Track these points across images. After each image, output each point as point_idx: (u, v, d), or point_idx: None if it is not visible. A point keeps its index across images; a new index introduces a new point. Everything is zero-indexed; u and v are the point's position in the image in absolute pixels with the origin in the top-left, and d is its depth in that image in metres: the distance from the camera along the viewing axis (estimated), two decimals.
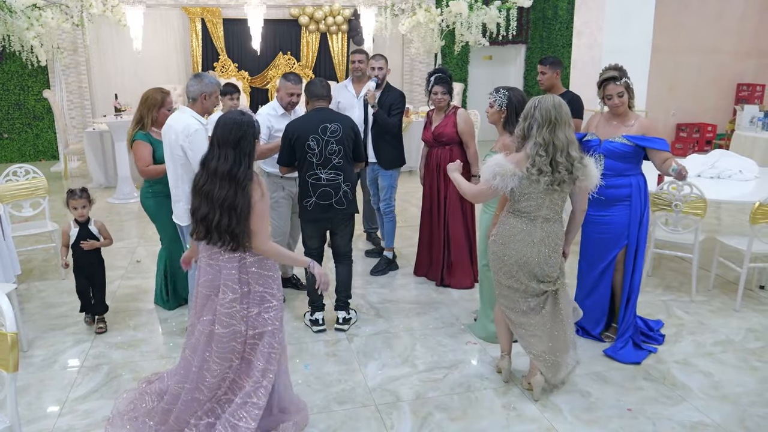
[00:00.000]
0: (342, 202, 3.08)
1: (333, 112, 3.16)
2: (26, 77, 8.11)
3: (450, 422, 2.44)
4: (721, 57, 8.66)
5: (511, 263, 2.47)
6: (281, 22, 8.75)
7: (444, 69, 3.72)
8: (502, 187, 2.36)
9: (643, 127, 2.89)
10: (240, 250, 2.12)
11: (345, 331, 3.22)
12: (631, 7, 5.00)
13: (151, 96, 3.25)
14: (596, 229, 3.00)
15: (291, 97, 3.39)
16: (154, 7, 8.11)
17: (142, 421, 2.31)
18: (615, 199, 2.92)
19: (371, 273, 4.04)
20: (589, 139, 2.99)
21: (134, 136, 3.24)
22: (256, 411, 2.15)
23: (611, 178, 2.87)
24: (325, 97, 3.13)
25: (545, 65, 3.72)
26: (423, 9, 7.73)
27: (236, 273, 2.14)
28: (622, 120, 2.92)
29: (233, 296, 2.14)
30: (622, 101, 2.85)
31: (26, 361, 2.90)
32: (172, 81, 8.50)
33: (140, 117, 3.25)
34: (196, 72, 3.13)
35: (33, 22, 6.49)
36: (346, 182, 3.08)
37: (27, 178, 4.15)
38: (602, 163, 2.80)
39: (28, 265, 4.24)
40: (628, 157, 2.88)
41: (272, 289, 2.19)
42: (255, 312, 2.17)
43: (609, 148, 2.90)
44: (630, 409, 2.53)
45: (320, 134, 3.01)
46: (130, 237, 5.00)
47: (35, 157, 8.39)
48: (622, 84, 2.82)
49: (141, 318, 3.43)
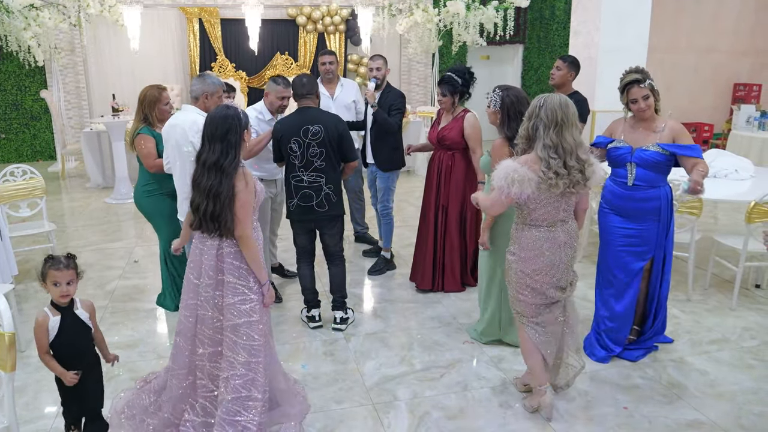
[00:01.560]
0: (323, 204, 3.05)
1: (317, 112, 3.06)
2: (23, 77, 8.10)
3: (447, 421, 2.45)
4: (718, 57, 8.69)
5: (539, 276, 2.33)
6: (279, 22, 8.75)
7: (458, 67, 3.44)
8: (519, 195, 2.18)
9: (674, 131, 2.70)
10: (221, 237, 2.16)
11: (342, 330, 3.23)
12: (627, 7, 5.02)
13: (148, 93, 3.26)
14: (622, 241, 2.81)
15: (282, 101, 3.34)
16: (152, 7, 8.10)
17: (140, 419, 2.31)
18: (645, 212, 2.75)
19: (369, 273, 4.04)
20: (617, 146, 2.77)
21: (139, 130, 3.25)
22: (250, 403, 2.14)
23: (644, 189, 2.71)
24: (308, 95, 3.03)
25: (565, 62, 3.67)
26: (420, 9, 7.74)
27: (213, 260, 2.18)
28: (649, 125, 2.72)
29: (208, 281, 2.19)
30: (648, 104, 2.67)
31: (23, 361, 2.89)
32: (170, 81, 8.49)
33: (144, 115, 3.26)
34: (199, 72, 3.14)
35: (30, 22, 6.48)
36: (328, 185, 3.04)
37: (24, 179, 4.14)
38: (634, 173, 2.71)
39: (26, 266, 4.24)
40: (661, 166, 2.70)
41: (248, 281, 2.18)
42: (230, 302, 2.17)
43: (642, 157, 2.69)
44: (626, 407, 2.54)
45: (302, 136, 2.98)
46: (128, 237, 5.00)
47: (33, 157, 8.38)
48: (647, 86, 2.66)
49: (139, 318, 3.43)
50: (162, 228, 3.38)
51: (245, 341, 2.16)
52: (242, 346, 2.16)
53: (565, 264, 2.36)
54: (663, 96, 2.70)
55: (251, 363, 2.15)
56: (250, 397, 2.14)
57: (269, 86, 3.37)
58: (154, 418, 2.29)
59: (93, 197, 6.35)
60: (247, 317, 2.17)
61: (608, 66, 5.06)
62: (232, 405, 2.14)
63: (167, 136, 2.97)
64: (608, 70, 5.07)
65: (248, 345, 2.16)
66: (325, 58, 4.15)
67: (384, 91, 3.92)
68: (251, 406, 2.14)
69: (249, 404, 2.14)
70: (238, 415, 2.13)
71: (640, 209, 2.75)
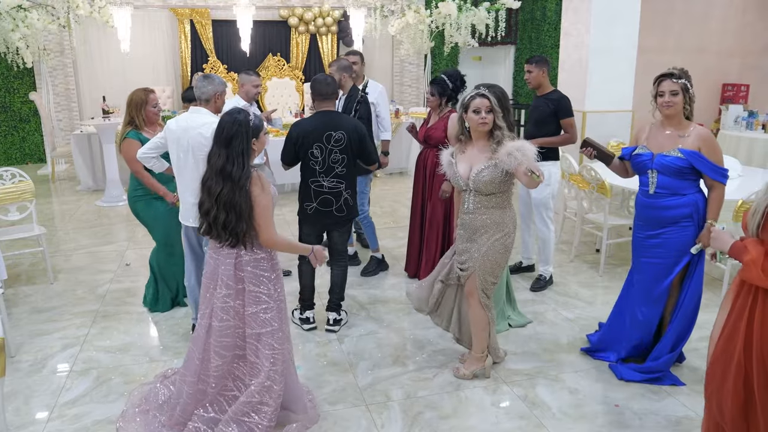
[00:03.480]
0: (342, 209, 3.09)
1: (339, 117, 3.08)
2: (12, 79, 8.02)
3: (440, 421, 2.46)
4: (706, 57, 8.79)
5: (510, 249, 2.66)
6: (271, 23, 8.73)
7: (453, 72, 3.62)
8: (451, 174, 2.62)
9: (702, 139, 2.50)
10: (239, 247, 2.15)
11: (335, 332, 3.23)
12: (617, 9, 5.06)
13: (135, 96, 3.26)
14: (646, 253, 2.66)
15: (256, 89, 3.65)
16: (142, 8, 8.06)
17: (152, 415, 2.34)
18: (667, 222, 2.58)
19: (361, 274, 4.05)
20: (639, 153, 2.64)
21: (125, 134, 3.24)
22: (262, 407, 2.18)
23: (666, 197, 2.55)
24: (331, 96, 3.05)
25: (531, 64, 3.74)
26: (412, 10, 7.76)
27: (232, 270, 2.18)
28: (677, 129, 2.56)
29: (227, 292, 2.19)
30: (674, 101, 2.50)
31: (14, 366, 2.87)
32: (161, 83, 8.45)
33: (131, 118, 3.26)
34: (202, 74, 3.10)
35: (18, 23, 6.41)
36: (347, 190, 3.08)
37: (13, 182, 4.10)
38: (655, 180, 2.58)
39: (15, 270, 4.20)
40: (684, 173, 2.52)
41: (269, 289, 2.20)
42: (251, 311, 2.19)
43: (662, 163, 2.54)
44: (617, 405, 2.56)
45: (324, 143, 2.98)
46: (119, 240, 4.97)
47: (22, 160, 8.30)
48: (679, 83, 2.49)
49: (131, 321, 3.42)
50: (156, 230, 3.38)
51: (268, 351, 2.18)
52: (264, 356, 2.18)
53: None
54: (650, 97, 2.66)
55: (270, 372, 2.18)
56: (262, 402, 2.18)
57: (243, 78, 3.69)
58: (165, 415, 2.32)
59: (83, 200, 6.30)
60: (270, 326, 2.19)
61: (598, 67, 5.11)
62: (243, 406, 2.17)
63: (176, 137, 2.82)
64: (598, 71, 5.12)
65: (270, 354, 2.19)
66: (350, 58, 4.15)
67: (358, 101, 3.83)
68: (262, 410, 2.18)
69: (260, 408, 2.18)
70: (246, 416, 2.16)
71: (663, 218, 2.58)
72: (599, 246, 4.31)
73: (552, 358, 2.95)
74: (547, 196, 3.74)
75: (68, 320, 3.39)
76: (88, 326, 3.32)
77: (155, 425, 2.30)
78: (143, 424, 2.31)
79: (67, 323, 3.36)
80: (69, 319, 3.40)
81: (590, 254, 4.48)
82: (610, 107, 5.23)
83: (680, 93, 2.51)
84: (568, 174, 4.34)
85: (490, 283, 2.64)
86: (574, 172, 4.24)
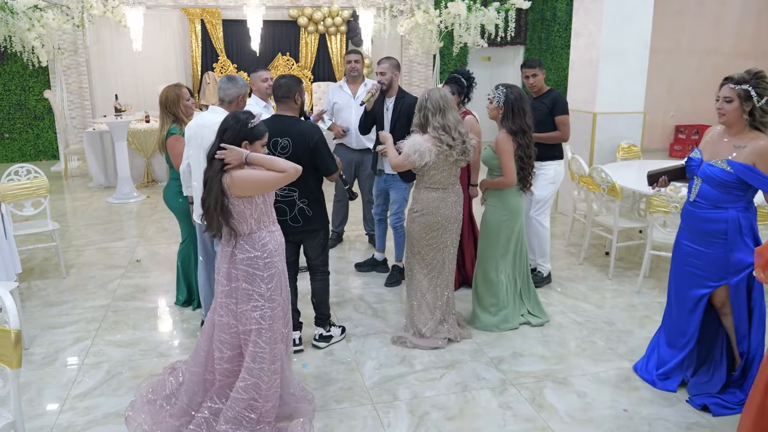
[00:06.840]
0: (297, 219, 2.85)
1: (289, 123, 2.82)
2: (27, 78, 8.14)
3: (446, 421, 2.46)
4: (720, 58, 8.69)
5: (438, 227, 2.95)
6: (280, 23, 8.78)
7: (463, 71, 3.56)
8: (419, 162, 2.84)
9: (758, 152, 2.30)
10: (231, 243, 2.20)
11: (321, 348, 3.07)
12: (629, 9, 5.02)
13: (170, 93, 3.27)
14: (685, 260, 2.57)
15: (266, 82, 3.63)
16: (154, 8, 8.13)
17: (159, 405, 2.38)
18: (707, 234, 2.46)
19: (386, 285, 3.90)
20: (692, 157, 2.51)
21: (171, 130, 3.23)
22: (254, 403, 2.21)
23: (703, 209, 2.43)
24: (283, 98, 2.82)
25: (535, 68, 3.70)
26: (421, 10, 7.76)
27: (227, 267, 2.22)
28: (735, 138, 2.38)
29: (222, 288, 2.25)
30: (727, 108, 2.34)
31: (27, 358, 2.92)
32: (171, 81, 8.45)
33: (174, 116, 3.25)
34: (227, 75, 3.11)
35: (34, 23, 6.52)
36: (302, 199, 2.83)
37: (28, 178, 4.16)
38: (698, 189, 2.44)
39: (29, 264, 4.26)
40: (729, 186, 2.35)
41: (261, 289, 2.21)
42: (242, 309, 2.22)
43: (707, 172, 2.39)
44: (626, 409, 2.54)
45: (271, 148, 2.79)
46: (130, 237, 5.02)
47: (36, 156, 8.42)
48: (736, 89, 2.31)
49: (140, 317, 3.45)
50: (185, 227, 3.42)
51: (252, 348, 2.21)
52: (249, 353, 2.22)
53: (456, 217, 2.99)
54: (663, 98, 2.60)
55: (254, 369, 2.21)
56: (252, 398, 2.21)
57: (252, 77, 3.72)
58: (172, 406, 2.36)
59: (95, 197, 6.38)
60: (257, 324, 2.21)
61: (609, 68, 5.07)
62: (234, 403, 2.22)
63: (193, 134, 2.84)
64: (609, 72, 5.08)
65: (253, 351, 2.21)
66: (350, 57, 4.12)
67: (397, 97, 3.65)
68: (254, 407, 2.22)
69: (252, 404, 2.22)
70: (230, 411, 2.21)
71: (700, 229, 2.47)
72: (609, 249, 4.29)
73: (560, 361, 2.94)
74: (550, 194, 3.74)
75: (80, 314, 3.44)
76: (99, 321, 3.37)
77: (162, 415, 2.33)
78: (150, 413, 2.35)
79: (79, 317, 3.40)
80: (80, 314, 3.45)
81: (599, 257, 4.45)
82: (621, 108, 5.18)
83: (735, 100, 2.33)
84: (578, 175, 4.31)
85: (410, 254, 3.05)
86: (584, 174, 4.20)
